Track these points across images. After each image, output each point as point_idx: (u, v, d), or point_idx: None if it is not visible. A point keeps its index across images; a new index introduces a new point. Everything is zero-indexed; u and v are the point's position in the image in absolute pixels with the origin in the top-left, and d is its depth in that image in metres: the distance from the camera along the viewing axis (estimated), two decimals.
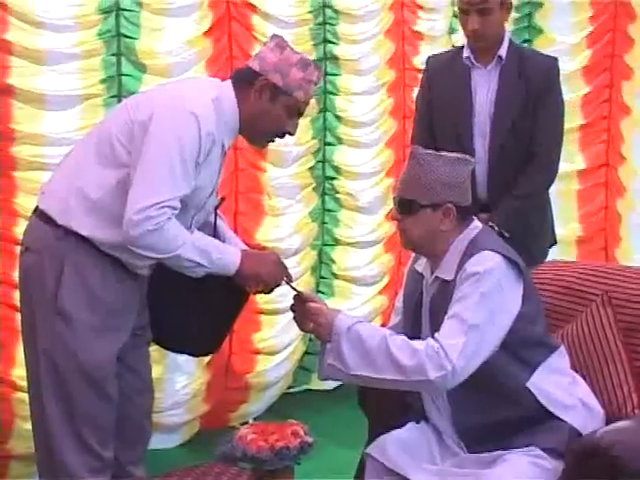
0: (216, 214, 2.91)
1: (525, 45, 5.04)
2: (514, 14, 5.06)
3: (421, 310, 2.71)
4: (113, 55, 3.83)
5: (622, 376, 2.82)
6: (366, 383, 2.59)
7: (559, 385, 2.65)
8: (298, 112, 2.79)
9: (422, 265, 2.75)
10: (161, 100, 2.74)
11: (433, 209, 2.60)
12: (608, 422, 2.66)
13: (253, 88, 2.74)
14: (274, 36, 2.82)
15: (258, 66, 2.75)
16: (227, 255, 2.74)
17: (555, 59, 3.67)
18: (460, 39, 4.54)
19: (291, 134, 2.85)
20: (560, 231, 5.04)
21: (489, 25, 3.46)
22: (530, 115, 3.49)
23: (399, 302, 2.86)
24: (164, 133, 2.63)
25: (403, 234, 2.68)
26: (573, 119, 5.21)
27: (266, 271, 2.80)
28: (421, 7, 4.85)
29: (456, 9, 4.57)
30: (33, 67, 3.61)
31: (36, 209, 2.80)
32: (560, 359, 2.70)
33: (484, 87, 3.54)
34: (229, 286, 2.81)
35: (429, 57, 3.85)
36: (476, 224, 2.68)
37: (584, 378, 2.78)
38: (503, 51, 3.53)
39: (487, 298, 2.50)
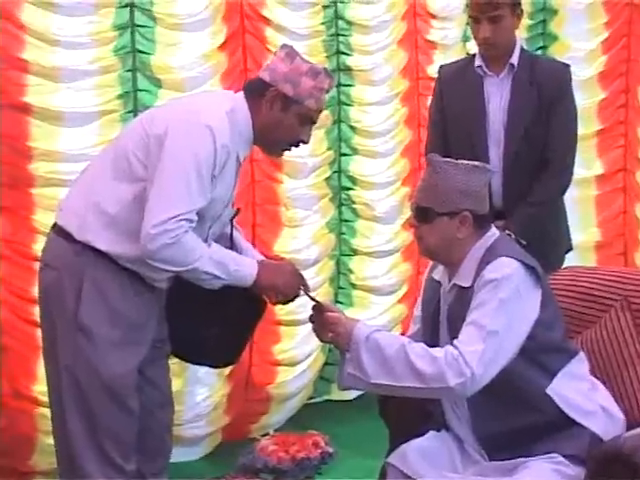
0: (232, 225, 2.92)
1: (537, 52, 5.05)
2: (528, 21, 5.08)
3: (439, 318, 2.71)
4: (129, 71, 3.85)
5: None
6: (386, 391, 2.58)
7: (579, 391, 2.64)
8: (311, 120, 2.80)
9: (439, 273, 2.75)
10: (176, 114, 2.76)
11: (450, 217, 2.60)
12: (629, 428, 2.65)
13: (264, 99, 2.75)
14: (284, 46, 2.83)
15: (269, 77, 2.76)
16: (244, 267, 2.75)
17: (567, 65, 3.66)
18: (474, 47, 4.55)
19: (305, 142, 2.86)
20: (579, 237, 5.03)
21: (500, 33, 3.45)
22: (543, 122, 3.48)
23: (418, 311, 2.86)
24: (180, 147, 2.65)
25: (420, 242, 2.69)
26: (590, 125, 5.21)
27: (283, 281, 2.81)
28: (434, 16, 4.84)
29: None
30: (49, 85, 3.62)
31: (54, 225, 2.82)
32: (579, 365, 2.70)
33: (497, 96, 3.54)
34: (247, 297, 2.82)
35: (441, 66, 3.85)
36: (493, 231, 2.68)
37: (604, 384, 2.76)
38: (515, 59, 3.53)
39: (505, 304, 2.50)
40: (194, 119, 2.68)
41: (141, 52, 3.87)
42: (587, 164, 5.24)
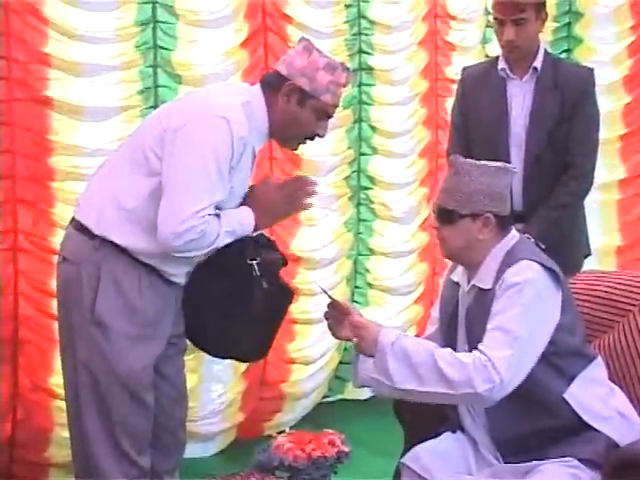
0: None
1: (561, 55, 5.02)
2: (553, 24, 5.06)
3: (457, 319, 2.71)
4: (150, 67, 3.86)
5: None
6: (412, 397, 2.56)
7: (596, 396, 2.63)
8: (327, 115, 2.80)
9: (459, 274, 2.75)
10: (192, 107, 2.76)
11: (472, 219, 2.61)
12: None
13: (281, 92, 2.75)
14: (302, 39, 2.83)
15: (285, 70, 2.76)
16: (244, 222, 2.76)
17: (591, 70, 3.64)
18: (494, 49, 4.54)
19: (321, 136, 2.85)
20: (600, 241, 5.07)
21: (524, 36, 3.44)
22: (565, 126, 3.47)
23: (435, 312, 2.86)
24: (198, 141, 2.65)
25: (442, 243, 2.69)
26: (614, 129, 5.19)
27: (273, 202, 2.81)
28: (454, 17, 4.84)
29: (490, 19, 4.60)
30: (71, 79, 3.65)
31: (72, 220, 2.83)
32: (597, 369, 2.68)
33: (519, 98, 3.53)
34: (274, 287, 2.83)
35: (464, 68, 3.84)
36: (514, 234, 2.68)
37: (621, 388, 2.75)
38: (538, 62, 3.51)
39: (529, 309, 2.50)
40: (210, 112, 2.69)
41: (162, 48, 3.88)
42: (610, 168, 5.22)
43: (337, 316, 2.64)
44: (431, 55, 4.82)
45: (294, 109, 2.75)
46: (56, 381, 3.53)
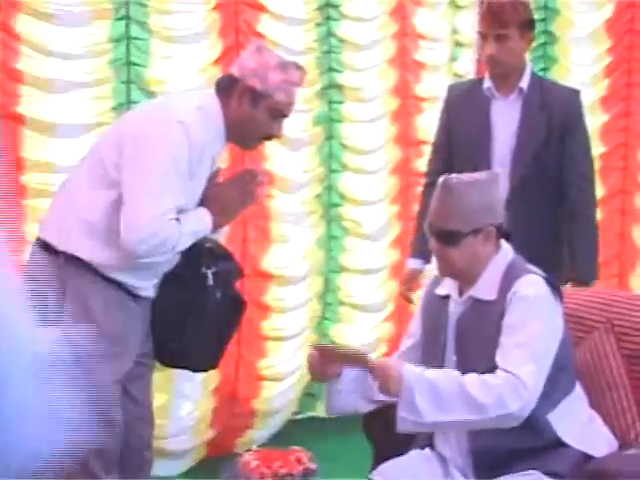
0: None
1: (548, 77, 5.09)
2: None
3: (444, 330, 2.71)
4: (123, 83, 3.87)
5: (625, 403, 2.82)
6: (442, 429, 2.58)
7: (579, 421, 2.65)
8: (282, 114, 2.80)
9: (447, 287, 2.75)
10: (149, 114, 2.80)
11: (474, 235, 2.62)
12: None
13: (233, 94, 2.76)
14: (254, 40, 2.86)
15: (238, 72, 2.78)
16: (202, 222, 2.77)
17: (577, 91, 3.64)
18: (462, 67, 4.59)
19: (277, 137, 2.89)
20: None
21: (506, 52, 3.41)
22: (553, 148, 3.46)
23: (413, 326, 2.85)
24: (156, 146, 2.66)
25: (444, 262, 2.68)
26: (593, 148, 5.23)
27: (227, 199, 2.81)
28: (422, 36, 4.87)
29: (458, 37, 4.65)
30: (43, 95, 3.64)
31: (37, 239, 2.82)
32: (581, 393, 2.71)
33: (505, 118, 3.50)
34: (227, 299, 2.84)
35: (449, 86, 3.83)
36: (508, 246, 2.70)
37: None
38: (525, 83, 3.48)
39: (546, 324, 2.56)
40: (167, 117, 2.70)
41: (136, 64, 3.89)
42: None
43: (325, 359, 2.64)
44: (401, 73, 4.84)
45: (248, 110, 2.76)
46: None
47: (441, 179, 2.71)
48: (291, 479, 2.26)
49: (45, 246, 2.76)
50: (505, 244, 2.71)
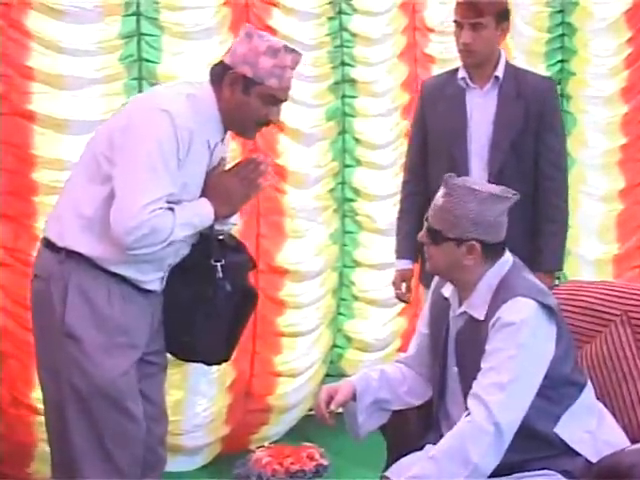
0: None
1: (555, 67, 5.16)
2: (546, 34, 5.15)
3: (447, 340, 2.71)
4: (134, 79, 3.87)
5: None
6: None
7: (587, 429, 2.63)
8: (277, 100, 2.77)
9: (449, 291, 2.74)
10: (136, 105, 2.80)
11: (456, 244, 2.58)
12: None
13: (224, 82, 2.74)
14: (244, 26, 2.83)
15: (229, 59, 2.75)
16: (203, 213, 2.75)
17: (552, 80, 3.67)
18: None
19: (274, 122, 2.86)
20: (599, 249, 5.30)
21: (481, 41, 3.41)
22: (530, 137, 3.45)
23: (423, 328, 2.85)
24: (141, 136, 2.65)
25: (429, 260, 2.68)
26: (614, 139, 5.27)
27: (230, 188, 2.79)
28: (432, 30, 4.87)
29: None
30: (54, 92, 3.65)
31: (43, 237, 2.83)
32: (588, 395, 2.68)
33: (481, 108, 3.49)
34: (239, 292, 2.84)
35: (424, 81, 3.84)
36: (507, 257, 2.65)
37: (602, 398, 2.77)
38: (500, 72, 3.49)
39: (524, 350, 2.50)
40: (152, 106, 2.69)
41: (147, 61, 3.90)
42: (611, 178, 5.31)
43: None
44: (411, 67, 4.85)
45: (240, 97, 2.74)
46: (37, 395, 3.48)
47: (445, 177, 2.66)
48: (303, 475, 2.24)
49: (47, 242, 2.77)
50: (506, 256, 2.65)
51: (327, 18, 4.53)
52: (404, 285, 3.73)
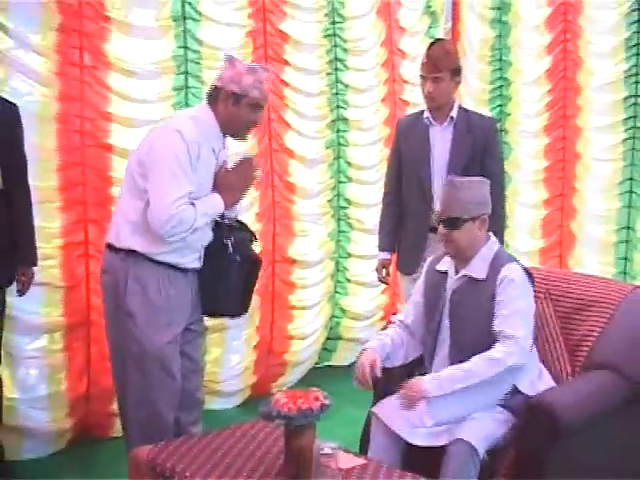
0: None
1: (494, 109, 5.17)
2: (489, 86, 5.19)
3: (442, 300, 2.71)
4: None
5: (559, 352, 2.85)
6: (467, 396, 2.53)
7: (531, 374, 2.65)
8: (260, 106, 2.76)
9: (446, 265, 2.74)
10: (157, 131, 2.80)
11: (473, 221, 2.63)
12: None
13: (219, 100, 2.75)
14: (225, 55, 2.82)
15: (219, 82, 2.76)
16: (215, 205, 2.74)
17: (494, 120, 3.58)
18: None
19: (259, 124, 2.87)
20: (529, 244, 5.27)
21: (440, 90, 3.36)
22: (477, 162, 3.41)
23: (419, 296, 2.81)
24: (162, 153, 2.66)
25: (450, 244, 2.67)
26: (539, 163, 5.30)
27: (233, 182, 2.76)
28: (407, 82, 4.86)
29: None
30: (126, 130, 3.66)
31: (106, 243, 2.84)
32: (535, 352, 2.71)
33: (440, 141, 3.44)
34: (244, 261, 2.82)
35: (399, 119, 3.79)
36: (493, 238, 2.71)
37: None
38: (454, 113, 3.43)
39: (527, 297, 2.60)
40: (167, 129, 2.71)
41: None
42: (537, 191, 5.34)
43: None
44: (391, 109, 4.82)
45: (232, 109, 2.72)
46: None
47: (448, 177, 2.72)
48: (311, 412, 2.26)
49: (109, 245, 2.78)
50: (493, 237, 2.71)
51: (326, 73, 4.51)
52: (385, 271, 3.68)
